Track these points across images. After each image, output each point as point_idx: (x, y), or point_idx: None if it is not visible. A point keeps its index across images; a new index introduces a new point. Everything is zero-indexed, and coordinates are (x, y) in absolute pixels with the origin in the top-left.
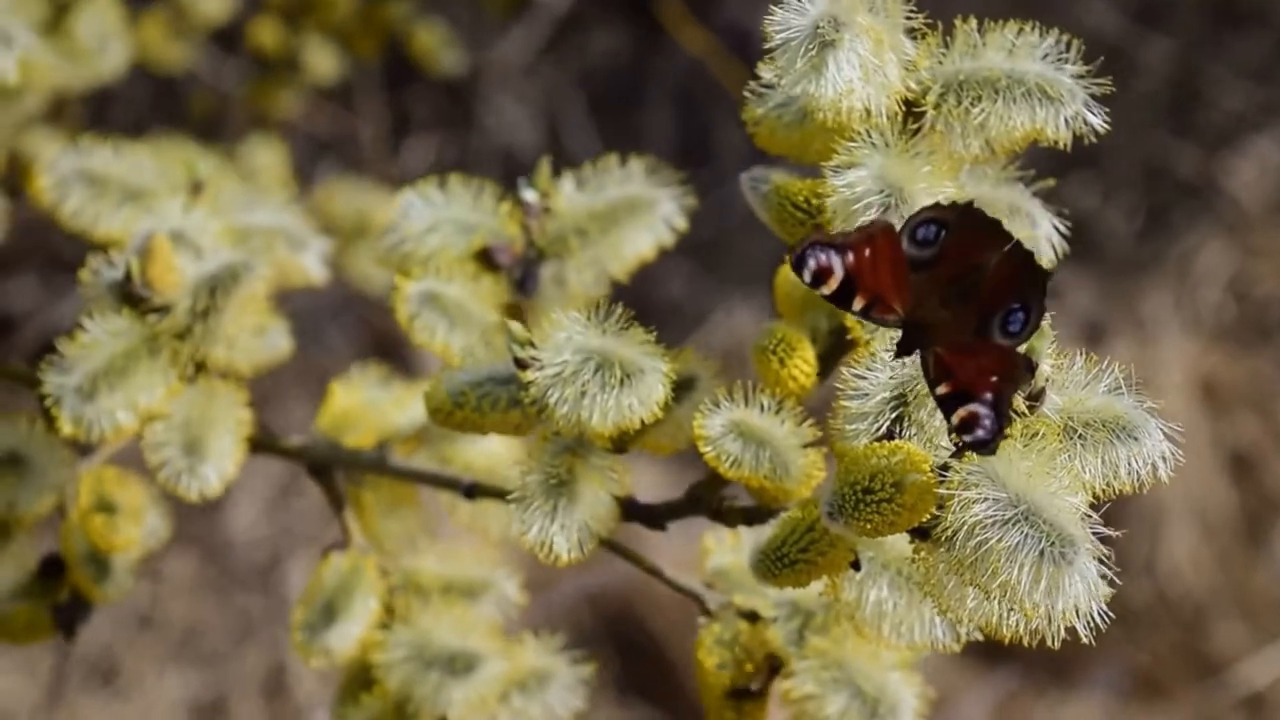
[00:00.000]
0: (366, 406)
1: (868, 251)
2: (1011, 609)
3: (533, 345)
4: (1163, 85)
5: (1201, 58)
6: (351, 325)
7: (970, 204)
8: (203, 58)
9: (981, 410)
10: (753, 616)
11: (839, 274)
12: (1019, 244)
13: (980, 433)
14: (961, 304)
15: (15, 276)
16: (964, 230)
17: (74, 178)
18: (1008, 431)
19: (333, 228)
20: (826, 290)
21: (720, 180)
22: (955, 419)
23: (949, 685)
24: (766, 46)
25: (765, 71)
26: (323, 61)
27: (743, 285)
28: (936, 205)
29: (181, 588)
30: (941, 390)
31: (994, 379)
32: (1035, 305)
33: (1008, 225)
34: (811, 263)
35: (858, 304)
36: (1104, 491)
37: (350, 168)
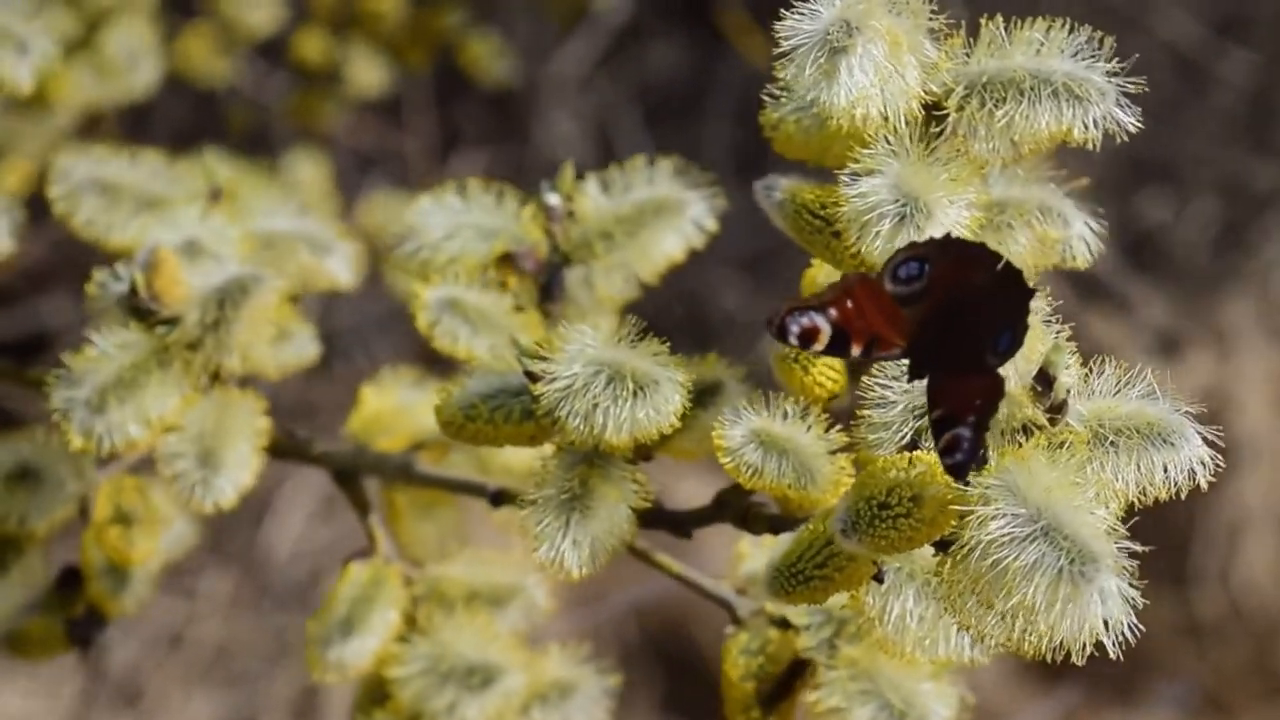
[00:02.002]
0: (399, 409)
1: (849, 302)
2: (1028, 628)
3: (543, 358)
4: (1241, 98)
5: None
6: (399, 338)
7: (948, 236)
8: (246, 71)
9: (964, 434)
10: (784, 624)
11: (826, 330)
12: (1008, 264)
13: (959, 455)
14: (958, 329)
15: (48, 294)
16: (947, 260)
17: (86, 186)
18: (985, 455)
19: (377, 242)
20: (818, 347)
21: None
22: (941, 443)
23: (1008, 700)
24: (778, 51)
25: (780, 75)
26: (369, 73)
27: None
28: (912, 244)
29: (217, 606)
30: (934, 415)
31: (978, 403)
32: (1019, 324)
33: (995, 244)
34: (794, 327)
35: (856, 349)
36: (1139, 500)
37: (397, 182)
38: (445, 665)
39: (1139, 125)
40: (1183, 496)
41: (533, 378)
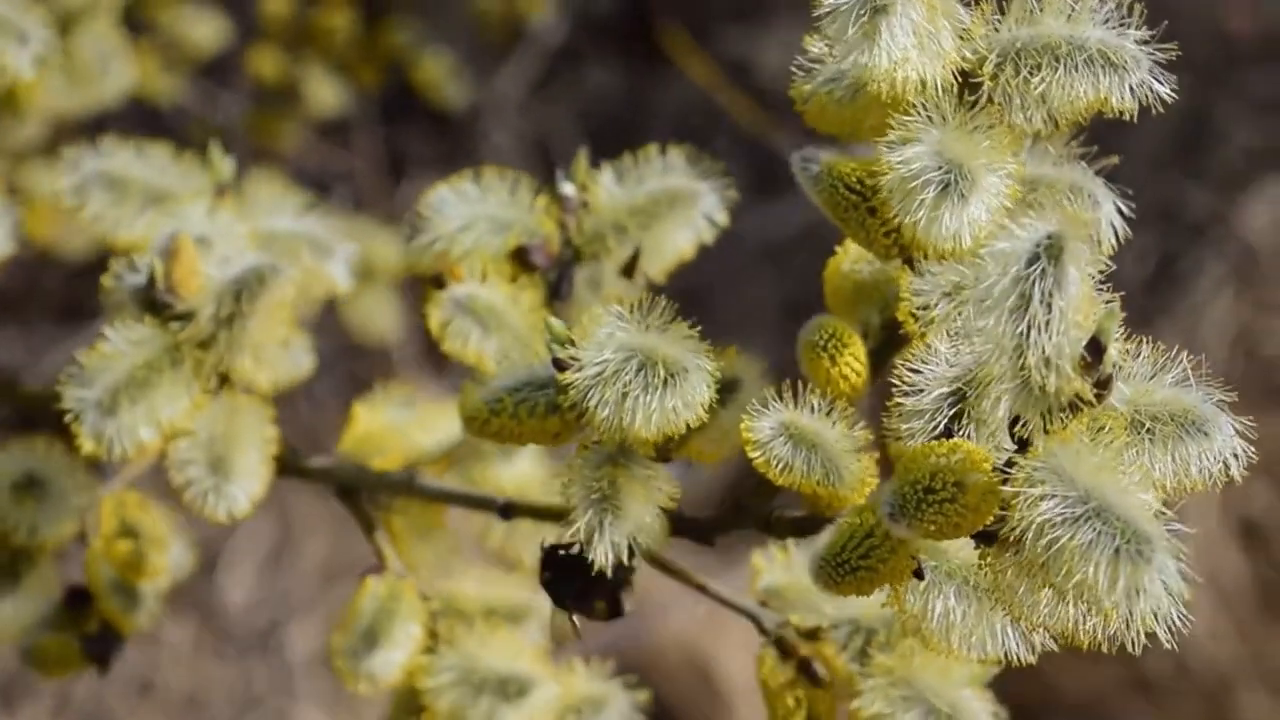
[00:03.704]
0: (389, 429)
1: None
2: (1089, 612)
3: (573, 344)
4: (1172, 120)
5: (1215, 94)
6: (340, 381)
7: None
8: (194, 90)
9: None
10: (813, 635)
11: None
12: None
13: None
14: None
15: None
16: None
17: (94, 180)
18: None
19: None
20: None
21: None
22: None
23: None
24: (816, 14)
25: (812, 45)
26: (324, 92)
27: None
28: None
29: (181, 653)
30: None
31: None
32: None
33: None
34: None
35: None
36: (1175, 490)
37: (347, 205)
38: (477, 676)
39: (1175, 94)
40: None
41: (560, 365)
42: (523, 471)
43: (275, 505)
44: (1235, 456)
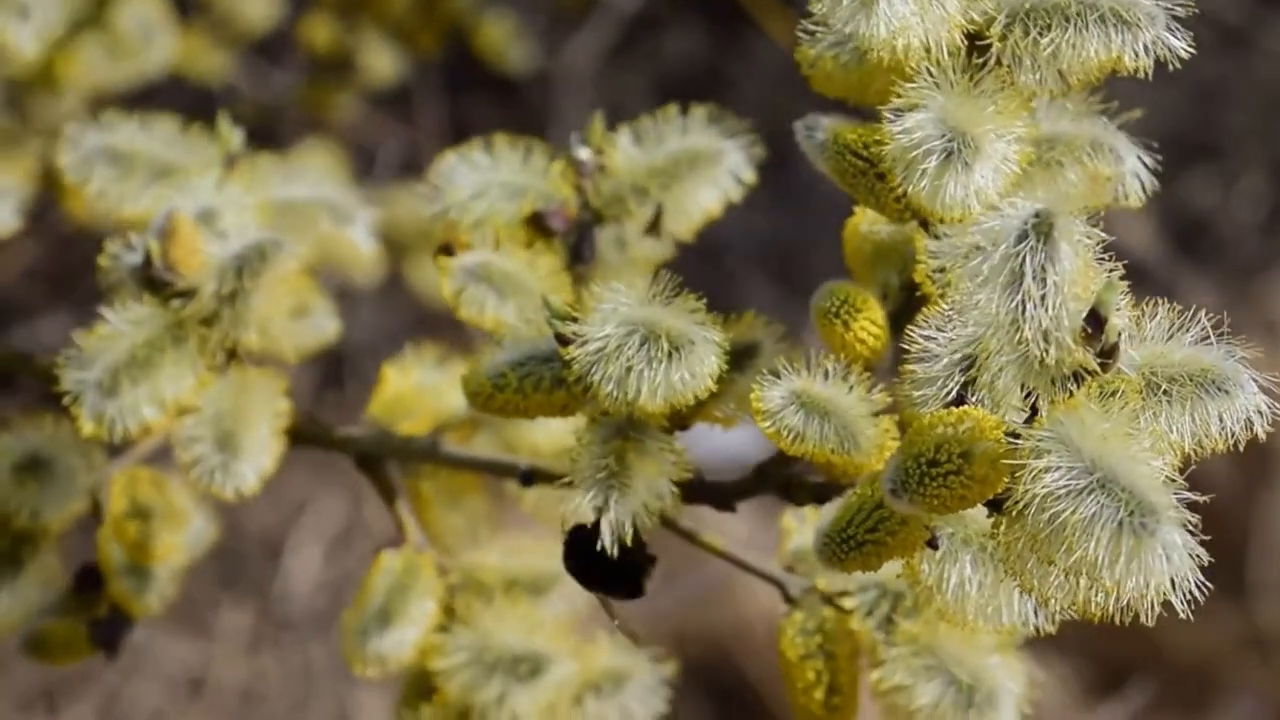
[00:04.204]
0: (421, 390)
1: None
2: (1095, 586)
3: (574, 319)
4: None
5: None
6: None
7: None
8: (246, 68)
9: None
10: (838, 601)
11: None
12: None
13: None
14: None
15: (49, 312)
16: None
17: (97, 155)
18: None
19: (392, 238)
20: None
21: (810, 188)
22: None
23: (1070, 712)
24: None
25: (815, 7)
26: (381, 60)
27: None
28: None
29: (237, 645)
30: None
31: None
32: None
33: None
34: None
35: None
36: (1196, 452)
37: (410, 176)
38: (491, 655)
39: (1191, 51)
40: (1241, 448)
41: (563, 340)
42: (557, 431)
43: (347, 485)
44: (1260, 414)
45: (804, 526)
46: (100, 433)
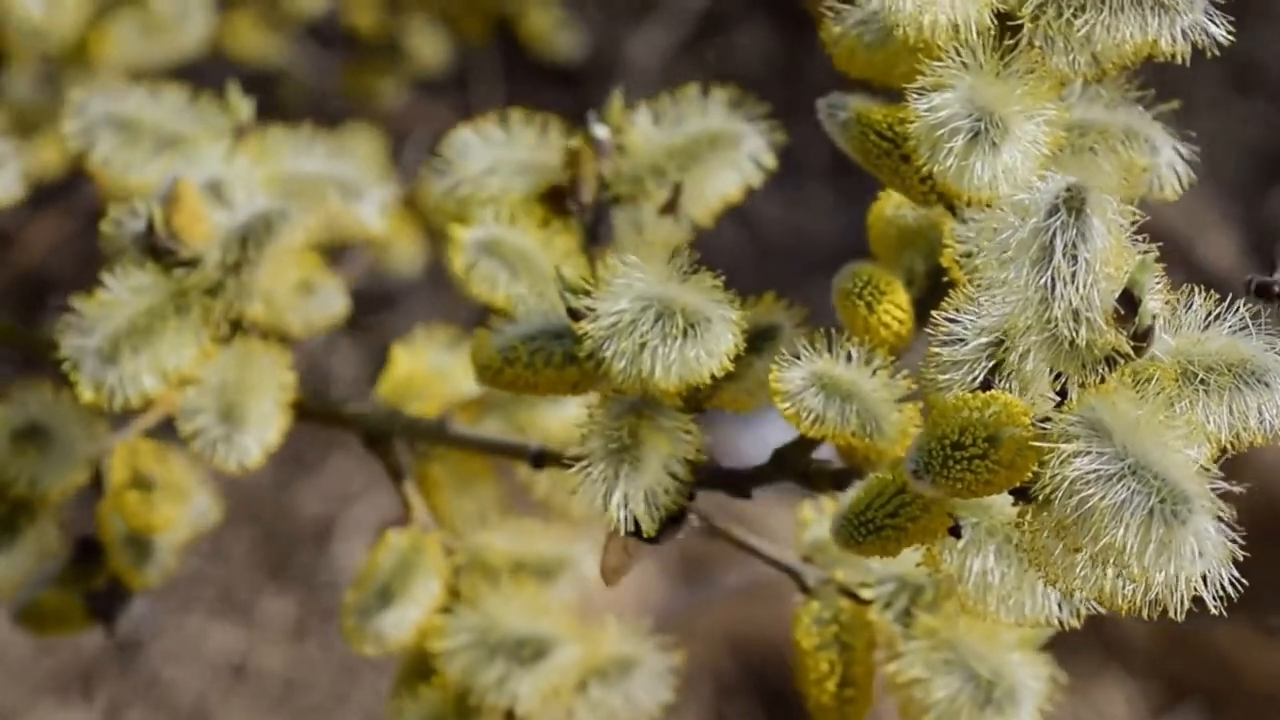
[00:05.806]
0: (432, 372)
1: None
2: (1122, 576)
3: (588, 293)
4: None
5: None
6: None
7: None
8: (296, 51)
9: None
10: (856, 593)
11: None
12: None
13: None
14: None
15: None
16: None
17: (102, 122)
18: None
19: (436, 224)
20: None
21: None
22: None
23: None
24: None
25: None
26: (428, 46)
27: None
28: None
29: (279, 633)
30: None
31: None
32: None
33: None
34: None
35: None
36: (1232, 445)
37: None
38: (494, 637)
39: (1230, 36)
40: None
41: (575, 315)
42: (570, 416)
43: None
44: None
45: (821, 517)
46: (99, 400)
